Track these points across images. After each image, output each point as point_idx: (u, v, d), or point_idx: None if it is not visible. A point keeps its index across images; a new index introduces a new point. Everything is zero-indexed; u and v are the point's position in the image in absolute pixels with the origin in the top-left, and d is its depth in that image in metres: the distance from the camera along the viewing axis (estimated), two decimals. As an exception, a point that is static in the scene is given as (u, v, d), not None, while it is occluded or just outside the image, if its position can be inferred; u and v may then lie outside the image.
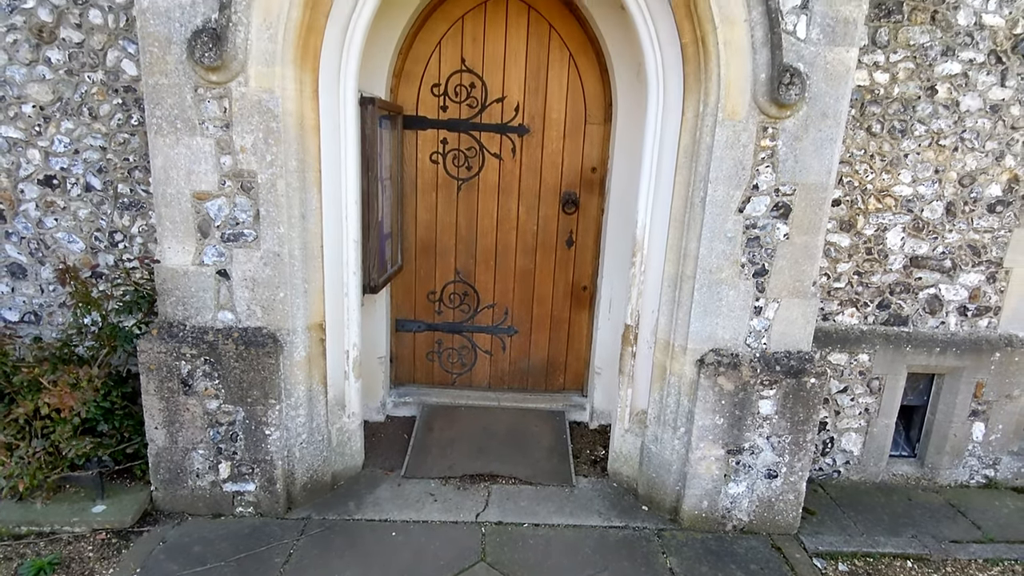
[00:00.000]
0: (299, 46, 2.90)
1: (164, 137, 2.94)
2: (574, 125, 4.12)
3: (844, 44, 2.90)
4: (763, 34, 2.87)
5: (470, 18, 3.92)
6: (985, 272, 3.80)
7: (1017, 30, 3.40)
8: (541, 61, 4.00)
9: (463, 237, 4.34)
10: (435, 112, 4.07)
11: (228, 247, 3.07)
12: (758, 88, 2.94)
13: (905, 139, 3.56)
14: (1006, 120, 3.53)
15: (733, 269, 3.19)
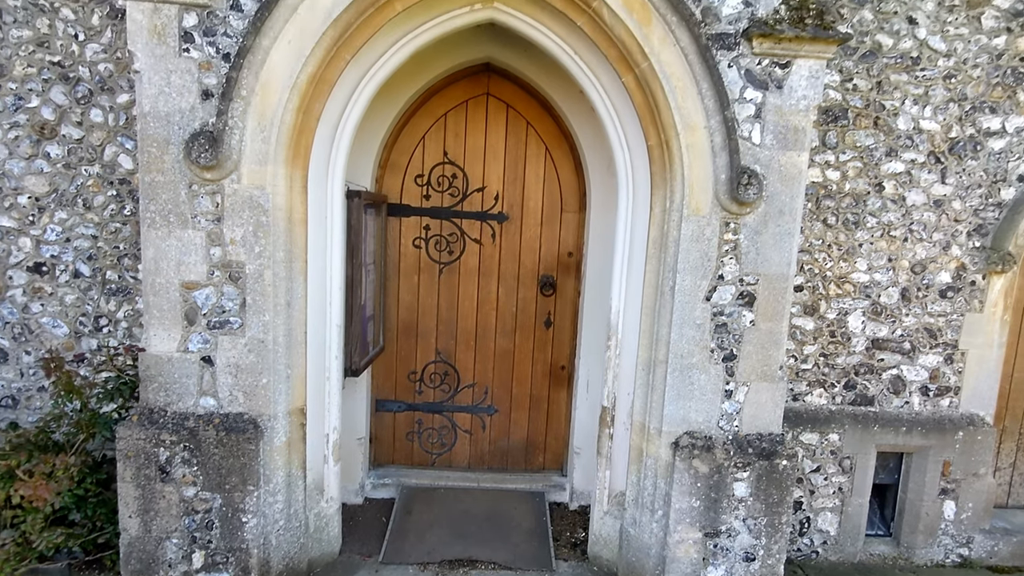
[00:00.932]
0: (291, 147, 3.09)
1: (157, 230, 3.06)
2: (551, 213, 4.34)
3: (795, 149, 3.16)
4: (722, 139, 3.13)
5: (452, 115, 4.18)
6: (943, 354, 3.98)
7: (952, 134, 3.72)
8: (519, 154, 4.25)
9: (444, 318, 4.45)
10: (418, 200, 4.28)
11: (213, 334, 3.14)
12: (719, 187, 3.17)
13: (859, 230, 3.81)
14: (949, 213, 3.81)
15: (703, 354, 3.33)
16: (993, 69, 3.65)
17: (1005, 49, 3.63)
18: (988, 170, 3.77)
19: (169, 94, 2.93)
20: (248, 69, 2.91)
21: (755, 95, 3.09)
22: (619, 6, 2.99)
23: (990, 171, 3.77)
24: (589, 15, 3.06)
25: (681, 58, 3.05)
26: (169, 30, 2.87)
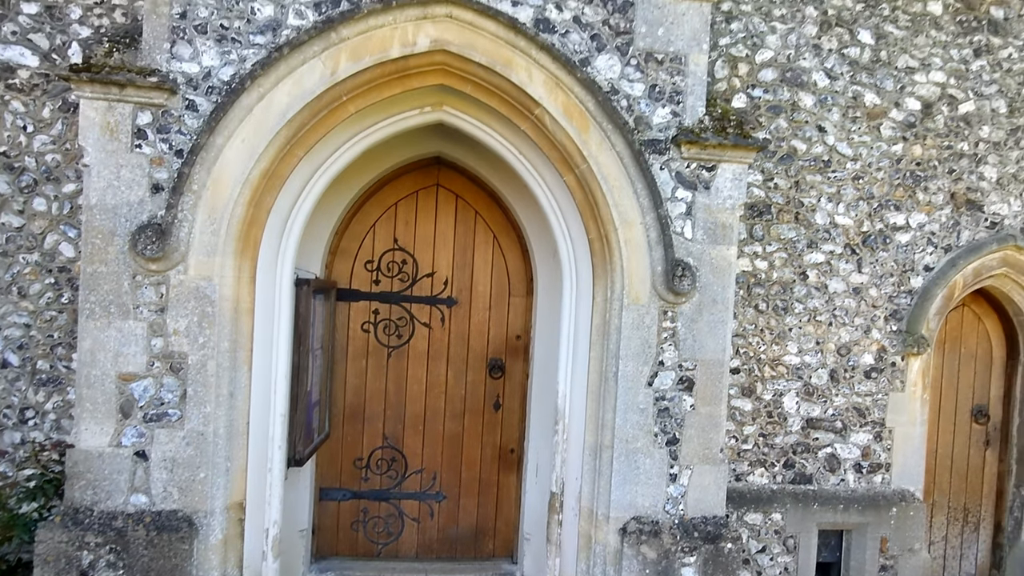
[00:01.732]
0: (240, 238, 3.12)
1: (96, 320, 3.00)
2: (499, 297, 4.46)
3: (724, 243, 3.40)
4: (657, 234, 3.34)
5: (403, 204, 4.32)
6: (872, 432, 4.19)
7: (864, 228, 4.08)
8: (468, 241, 4.39)
9: (392, 403, 4.42)
10: (368, 285, 4.33)
11: (150, 427, 3.04)
12: (656, 278, 3.36)
13: (788, 315, 4.05)
14: (867, 300, 4.11)
15: (648, 439, 3.41)
16: (894, 172, 4.06)
17: (903, 155, 4.06)
18: (898, 261, 4.12)
19: (118, 187, 2.96)
20: (201, 165, 2.97)
21: (686, 194, 3.34)
22: (559, 114, 3.23)
23: (900, 262, 4.12)
24: (532, 121, 3.29)
25: (617, 161, 3.29)
26: (122, 127, 2.93)
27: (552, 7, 3.16)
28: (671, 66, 3.29)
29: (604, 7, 3.21)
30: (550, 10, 3.16)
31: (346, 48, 3.04)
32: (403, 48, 3.08)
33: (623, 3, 3.22)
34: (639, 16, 3.25)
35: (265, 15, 2.98)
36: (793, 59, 3.92)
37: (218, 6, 2.94)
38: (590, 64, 3.22)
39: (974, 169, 4.14)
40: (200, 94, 2.96)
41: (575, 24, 3.19)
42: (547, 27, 3.17)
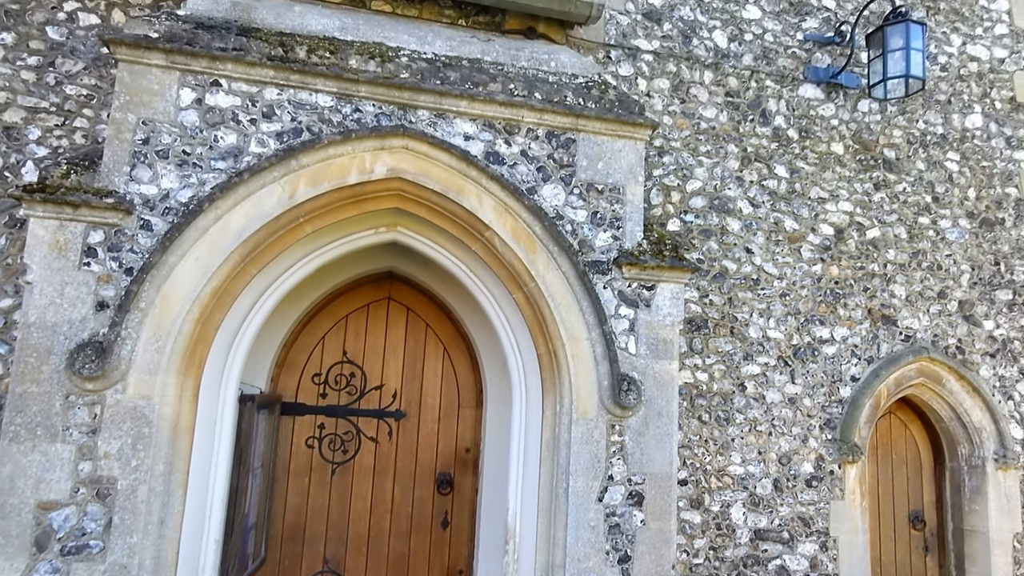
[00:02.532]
0: (186, 355, 3.07)
1: (20, 444, 2.83)
2: (449, 409, 4.44)
3: (666, 358, 3.56)
4: (603, 350, 3.48)
5: (354, 317, 4.35)
6: (818, 541, 4.24)
7: (794, 341, 4.35)
8: (418, 353, 4.42)
9: (335, 522, 4.21)
10: (314, 399, 4.24)
11: (67, 561, 2.81)
12: (603, 393, 3.45)
13: (730, 426, 4.19)
14: (802, 410, 4.31)
15: (599, 557, 3.36)
16: (816, 290, 4.40)
17: (822, 274, 4.43)
18: (827, 372, 4.37)
19: (60, 305, 2.90)
20: (150, 283, 2.97)
21: (628, 312, 3.52)
22: (508, 236, 3.43)
23: (828, 372, 4.38)
24: (483, 242, 3.47)
25: (563, 280, 3.47)
26: (72, 245, 2.92)
27: (501, 142, 3.44)
28: (610, 195, 3.57)
29: (549, 143, 3.51)
30: (499, 144, 3.43)
31: (305, 174, 3.19)
32: (360, 175, 3.26)
33: (566, 140, 3.53)
34: (580, 151, 3.56)
35: (228, 143, 3.11)
36: (719, 189, 4.31)
37: (182, 134, 3.06)
38: (537, 192, 3.47)
39: (885, 287, 4.54)
40: (156, 214, 3.01)
41: (523, 157, 3.46)
42: (497, 159, 3.42)
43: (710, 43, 4.40)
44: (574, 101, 3.58)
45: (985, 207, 4.82)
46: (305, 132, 3.20)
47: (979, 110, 4.87)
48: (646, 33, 4.28)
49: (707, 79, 4.37)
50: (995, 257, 4.79)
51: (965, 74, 4.88)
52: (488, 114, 3.43)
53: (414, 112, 3.35)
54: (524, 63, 3.67)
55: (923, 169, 4.72)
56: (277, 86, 3.18)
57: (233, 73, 3.11)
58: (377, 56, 3.34)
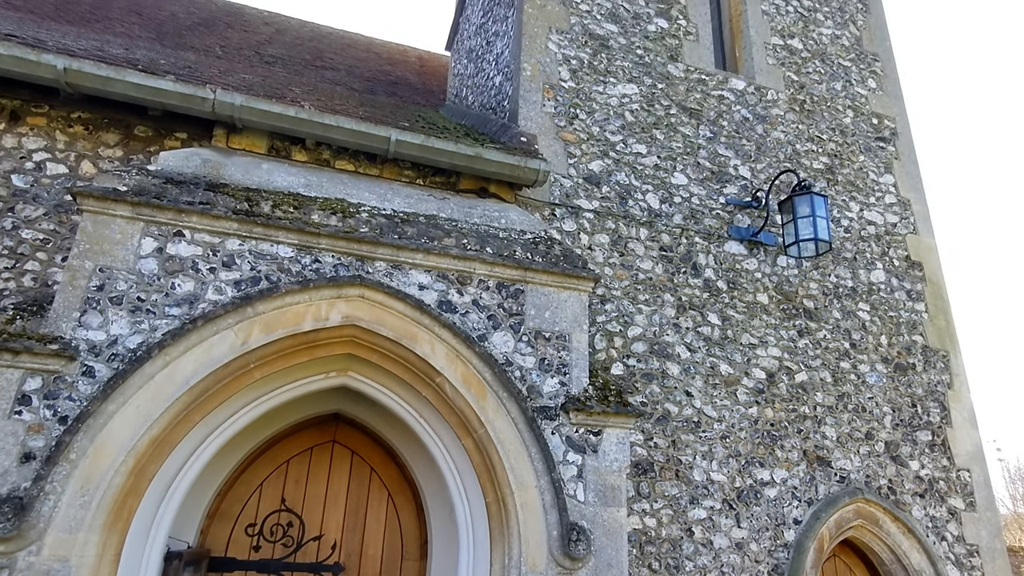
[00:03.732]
0: (113, 510, 2.88)
1: (-97, 620, 2.52)
2: (391, 562, 4.20)
3: (614, 505, 3.57)
4: (551, 498, 3.46)
5: (296, 461, 4.21)
6: None
7: (736, 484, 4.44)
8: (361, 499, 4.25)
9: None
10: (246, 552, 3.96)
11: None
12: (553, 543, 3.39)
13: (680, 574, 4.12)
14: (749, 555, 4.30)
15: None
16: (754, 432, 4.59)
17: (759, 416, 4.64)
18: (771, 515, 4.44)
19: (-18, 457, 2.73)
20: (85, 432, 2.85)
21: (576, 458, 3.56)
22: (459, 382, 3.50)
23: (772, 516, 4.44)
24: (433, 388, 3.52)
25: (512, 426, 3.52)
26: (4, 393, 2.81)
27: (454, 292, 3.62)
28: (557, 343, 3.75)
29: (499, 293, 3.71)
30: (452, 294, 3.61)
31: (260, 321, 3.24)
32: (316, 322, 3.33)
33: (515, 290, 3.75)
34: (528, 301, 3.77)
35: (185, 290, 3.17)
36: (659, 335, 4.58)
37: (138, 281, 3.11)
38: (487, 339, 3.61)
39: (817, 429, 4.77)
40: (101, 361, 2.96)
41: (474, 306, 3.64)
42: (449, 308, 3.58)
43: (644, 204, 4.88)
44: (523, 255, 3.85)
45: (897, 353, 5.25)
46: (264, 281, 3.30)
47: (881, 267, 5.47)
48: (587, 194, 4.73)
49: (643, 235, 4.80)
50: (912, 399, 5.15)
51: (865, 235, 5.52)
52: (442, 266, 3.64)
53: (372, 263, 3.52)
54: (477, 219, 3.97)
55: (839, 318, 5.17)
56: (240, 237, 3.31)
57: (198, 225, 3.24)
58: (339, 211, 3.56)
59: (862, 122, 5.92)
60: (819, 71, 5.95)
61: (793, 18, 6.03)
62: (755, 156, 5.37)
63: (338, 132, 3.74)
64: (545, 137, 4.71)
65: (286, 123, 3.65)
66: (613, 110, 5.03)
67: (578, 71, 5.02)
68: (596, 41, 5.16)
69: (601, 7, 5.28)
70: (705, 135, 5.25)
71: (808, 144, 5.60)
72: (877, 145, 5.88)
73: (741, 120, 5.43)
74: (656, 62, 5.31)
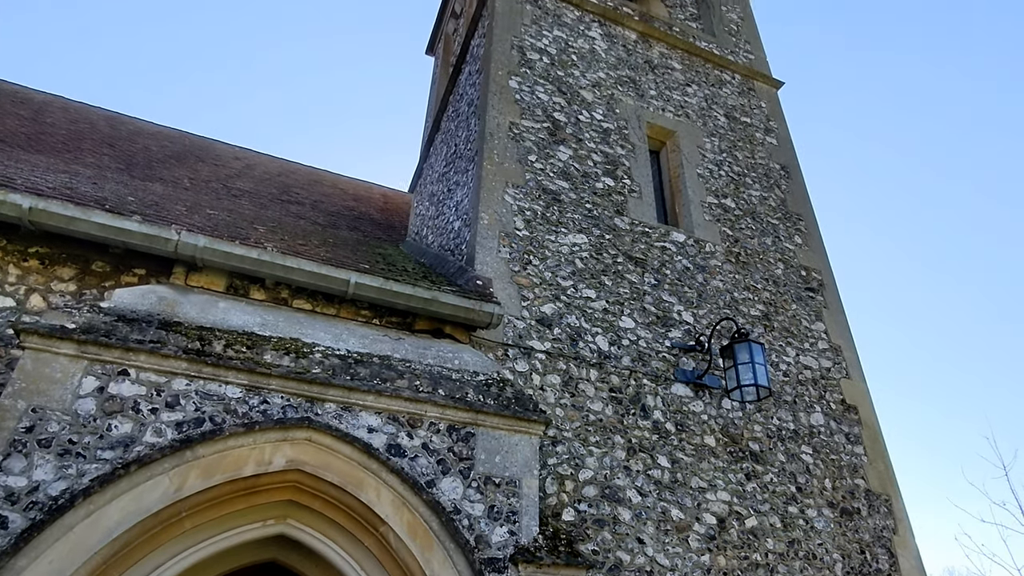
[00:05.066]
0: None
1: None
2: None
3: (565, 672, 3.34)
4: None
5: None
6: None
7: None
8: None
9: None
10: None
11: None
12: None
13: None
14: None
15: None
16: (708, 582, 4.47)
17: (711, 565, 4.54)
18: (729, 678, 4.21)
19: None
20: (-15, 594, 2.59)
21: (525, 617, 3.38)
22: (404, 532, 3.37)
23: None
24: (377, 537, 3.37)
25: (459, 581, 3.35)
26: (-99, 548, 2.57)
27: (404, 435, 3.59)
28: (507, 488, 3.69)
29: (449, 436, 3.70)
30: (402, 437, 3.58)
31: (199, 465, 3.12)
32: (258, 467, 3.22)
33: (466, 434, 3.74)
34: (479, 445, 3.75)
35: (121, 431, 3.05)
36: (609, 478, 4.56)
37: (72, 422, 2.99)
38: (436, 485, 3.53)
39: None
40: (18, 510, 2.76)
41: (424, 450, 3.60)
42: (398, 452, 3.53)
43: (594, 346, 5.06)
44: (475, 398, 3.89)
45: (842, 497, 5.32)
46: (207, 422, 3.21)
47: (819, 410, 5.69)
48: (539, 336, 4.89)
49: (593, 376, 4.92)
50: (860, 546, 5.15)
51: (803, 379, 5.79)
52: (393, 408, 3.63)
53: (322, 405, 3.49)
54: (431, 360, 4.03)
55: (784, 461, 5.27)
56: (188, 377, 3.26)
57: (145, 364, 3.20)
58: (293, 351, 3.58)
59: (792, 273, 6.42)
60: (751, 227, 6.53)
61: (725, 181, 6.71)
62: (697, 303, 5.71)
63: (299, 274, 3.85)
64: (500, 281, 4.93)
65: (248, 264, 3.75)
66: (564, 257, 5.35)
67: (532, 221, 5.39)
68: (549, 195, 5.60)
69: (554, 166, 5.78)
70: (650, 282, 5.60)
71: (745, 293, 6.01)
72: (807, 295, 6.35)
73: (683, 269, 5.83)
74: (604, 215, 5.76)
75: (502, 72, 6.09)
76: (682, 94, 7.16)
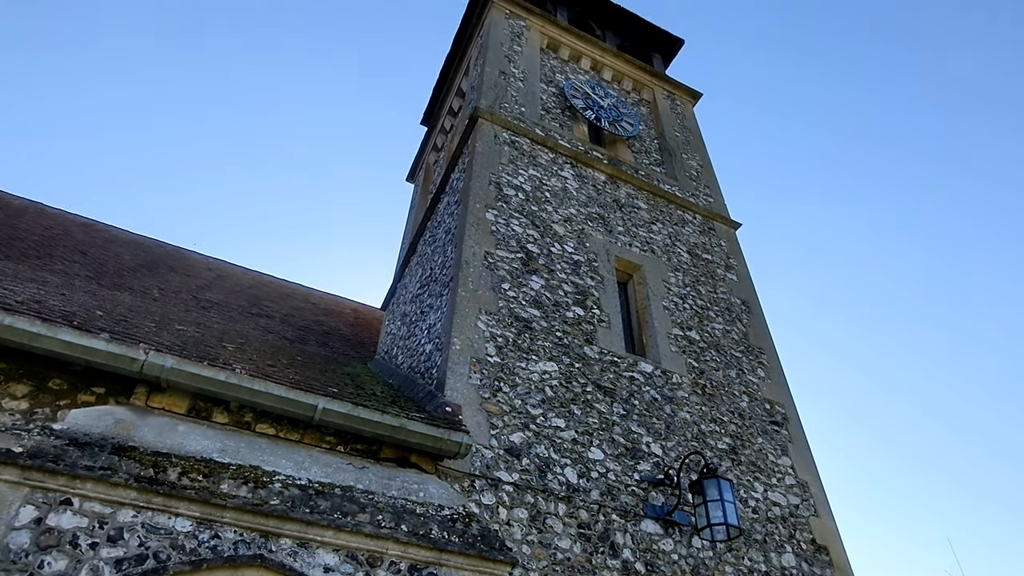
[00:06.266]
0: None
1: None
2: None
3: None
4: None
5: None
6: None
7: None
8: None
9: None
10: None
11: None
12: None
13: None
14: None
15: None
16: None
17: None
18: None
19: None
20: None
21: None
22: None
23: None
24: None
25: None
26: None
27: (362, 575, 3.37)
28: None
29: (410, 578, 3.48)
30: None
31: (135, 610, 2.86)
32: (200, 612, 2.97)
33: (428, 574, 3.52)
34: (442, 588, 3.54)
35: (55, 570, 2.81)
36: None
37: (2, 558, 2.75)
38: (392, 635, 3.27)
39: None
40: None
41: None
42: (355, 596, 3.30)
43: (563, 478, 4.95)
44: (439, 534, 3.72)
45: (819, 649, 5.07)
46: (150, 559, 2.99)
47: (790, 550, 5.55)
48: (507, 466, 4.78)
49: (561, 511, 4.77)
50: None
51: (772, 516, 5.70)
52: (353, 545, 3.44)
53: (277, 540, 3.29)
54: (395, 492, 3.88)
55: (758, 607, 5.05)
56: (136, 508, 3.07)
57: (91, 492, 3.01)
58: (252, 480, 3.42)
59: (757, 406, 6.52)
60: (716, 359, 6.70)
61: (690, 313, 6.97)
62: (665, 434, 5.71)
63: (266, 398, 3.77)
64: (469, 408, 4.89)
65: (214, 387, 3.67)
66: (535, 385, 5.37)
67: (503, 348, 5.45)
68: (521, 323, 5.72)
69: (526, 295, 5.96)
70: (619, 412, 5.61)
71: (712, 425, 6.05)
72: (772, 428, 6.42)
73: (651, 400, 5.88)
74: (574, 344, 5.87)
75: (480, 205, 6.42)
76: (648, 231, 7.60)
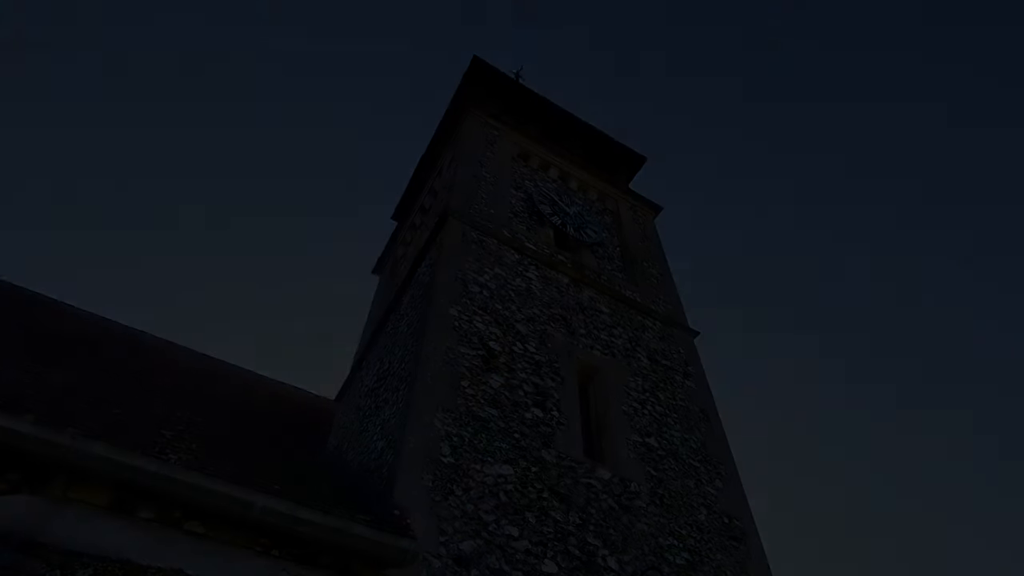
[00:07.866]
0: None
1: None
2: None
3: None
4: None
5: None
6: None
7: None
8: None
9: None
10: None
11: None
12: None
13: None
14: None
15: None
16: None
17: None
18: None
19: None
20: None
21: None
22: None
23: None
24: None
25: None
26: None
27: None
28: None
29: None
30: None
31: None
32: None
33: None
34: None
35: None
36: None
37: None
38: None
39: None
40: None
41: None
42: None
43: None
44: (374, 656, 3.38)
45: None
46: None
47: None
48: (455, 578, 4.47)
49: (511, 631, 4.43)
50: None
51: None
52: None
53: (190, 659, 2.94)
54: (330, 605, 3.57)
55: None
56: (32, 616, 2.74)
57: (-16, 596, 2.68)
58: (170, 587, 3.11)
59: (715, 520, 6.35)
60: (674, 468, 6.59)
61: (649, 420, 6.92)
62: (622, 547, 5.47)
63: (198, 492, 3.51)
64: (419, 511, 4.63)
65: (145, 478, 3.41)
66: (489, 489, 5.15)
67: (459, 448, 5.27)
68: (478, 422, 5.57)
69: (485, 393, 5.85)
70: (575, 522, 5.38)
71: (670, 539, 5.83)
72: (731, 544, 6.22)
73: (608, 509, 5.68)
74: (531, 446, 5.72)
75: (444, 299, 6.44)
76: (609, 335, 7.68)
